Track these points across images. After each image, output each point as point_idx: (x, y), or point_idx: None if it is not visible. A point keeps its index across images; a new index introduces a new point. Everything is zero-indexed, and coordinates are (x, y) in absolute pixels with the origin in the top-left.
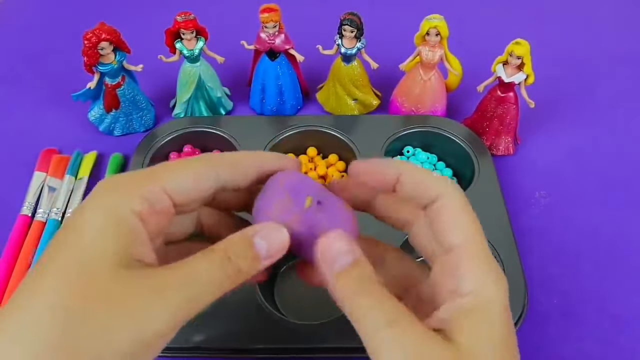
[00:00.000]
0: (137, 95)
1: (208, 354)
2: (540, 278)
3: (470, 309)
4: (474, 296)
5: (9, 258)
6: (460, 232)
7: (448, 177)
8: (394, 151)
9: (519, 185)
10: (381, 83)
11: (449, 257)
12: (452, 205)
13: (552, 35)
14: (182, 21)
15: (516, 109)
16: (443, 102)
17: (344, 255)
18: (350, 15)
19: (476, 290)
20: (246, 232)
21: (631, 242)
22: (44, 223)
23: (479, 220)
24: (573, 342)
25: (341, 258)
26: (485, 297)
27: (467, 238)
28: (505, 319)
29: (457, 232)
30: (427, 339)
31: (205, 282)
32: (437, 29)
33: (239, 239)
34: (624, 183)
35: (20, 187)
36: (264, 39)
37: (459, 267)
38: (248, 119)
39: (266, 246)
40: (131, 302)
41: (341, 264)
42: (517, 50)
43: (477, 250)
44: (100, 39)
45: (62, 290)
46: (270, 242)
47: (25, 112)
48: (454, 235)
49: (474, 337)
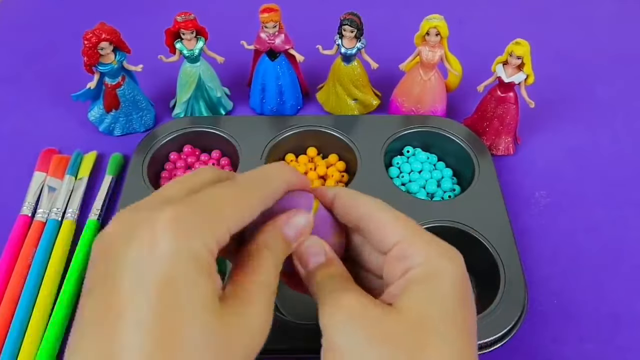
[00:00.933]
0: (137, 95)
1: None
2: (540, 278)
3: (419, 279)
4: (424, 267)
5: (9, 258)
6: (394, 228)
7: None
8: (394, 151)
9: (519, 185)
10: (381, 83)
11: (394, 250)
12: (374, 215)
13: (552, 35)
14: (182, 21)
15: (516, 109)
16: (443, 102)
17: (317, 256)
18: (350, 15)
19: (426, 262)
20: (275, 226)
21: (631, 242)
22: (44, 223)
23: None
24: (573, 342)
25: (314, 258)
26: (435, 267)
27: (405, 228)
28: (459, 288)
29: (393, 230)
30: (368, 302)
31: (273, 287)
32: (437, 29)
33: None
34: (624, 183)
35: (20, 187)
36: (264, 39)
37: (406, 250)
38: (248, 119)
39: (294, 233)
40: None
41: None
42: (517, 50)
43: (420, 233)
44: (100, 39)
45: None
46: (297, 229)
47: (25, 112)
48: (392, 234)
49: (420, 302)
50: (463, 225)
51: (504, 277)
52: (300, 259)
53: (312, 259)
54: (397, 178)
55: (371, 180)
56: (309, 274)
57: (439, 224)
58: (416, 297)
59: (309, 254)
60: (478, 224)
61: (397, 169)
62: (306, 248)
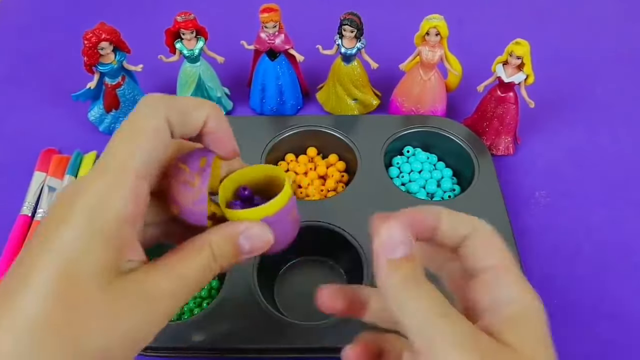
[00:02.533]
0: (137, 95)
1: (208, 354)
2: (540, 278)
3: (514, 316)
4: (517, 304)
5: (9, 258)
6: (496, 252)
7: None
8: (394, 151)
9: (519, 185)
10: (381, 83)
11: (487, 275)
12: (483, 235)
13: (552, 35)
14: (182, 21)
15: (516, 109)
16: (443, 102)
17: (401, 245)
18: (350, 15)
19: (518, 299)
20: (232, 233)
21: (631, 242)
22: None
23: None
24: (572, 342)
25: (398, 249)
26: (526, 304)
27: (503, 257)
28: (546, 323)
29: (493, 254)
30: (481, 334)
31: (193, 283)
32: (437, 29)
33: (225, 240)
34: (623, 183)
35: (21, 187)
36: (264, 39)
37: (500, 280)
38: (248, 119)
39: (249, 247)
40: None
41: (397, 254)
42: (517, 50)
43: (513, 267)
44: (100, 39)
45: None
46: (253, 243)
47: (25, 112)
48: (491, 257)
49: (524, 339)
50: None
51: None
52: (382, 245)
53: (397, 250)
54: (397, 178)
55: (371, 180)
56: (389, 264)
57: None
58: (524, 335)
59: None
60: None
61: (397, 169)
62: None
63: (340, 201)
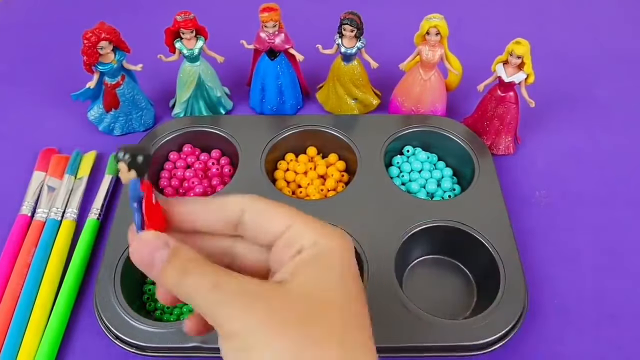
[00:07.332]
0: (136, 94)
1: (208, 354)
2: (540, 278)
3: (309, 259)
4: (313, 248)
5: (9, 257)
6: (280, 215)
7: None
8: (394, 151)
9: (519, 184)
10: (381, 83)
11: (283, 238)
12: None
13: (552, 35)
14: (182, 20)
15: (516, 108)
16: (443, 101)
17: (161, 251)
18: (350, 14)
19: (315, 244)
20: None
21: (631, 242)
22: (44, 222)
23: None
24: (573, 342)
25: (158, 256)
26: (323, 247)
27: (290, 215)
28: (347, 263)
29: (279, 218)
30: (250, 281)
31: None
32: (437, 29)
33: None
34: (623, 183)
35: (20, 186)
36: (263, 38)
37: (296, 235)
38: (248, 119)
39: None
40: None
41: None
42: (517, 49)
43: (307, 218)
44: (100, 38)
45: None
46: None
47: (25, 112)
48: (279, 222)
49: (309, 278)
50: (463, 225)
51: (504, 277)
52: (141, 265)
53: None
54: (397, 178)
55: (371, 180)
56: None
57: (439, 224)
58: (305, 275)
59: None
60: (478, 224)
61: (397, 168)
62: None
63: (340, 201)
